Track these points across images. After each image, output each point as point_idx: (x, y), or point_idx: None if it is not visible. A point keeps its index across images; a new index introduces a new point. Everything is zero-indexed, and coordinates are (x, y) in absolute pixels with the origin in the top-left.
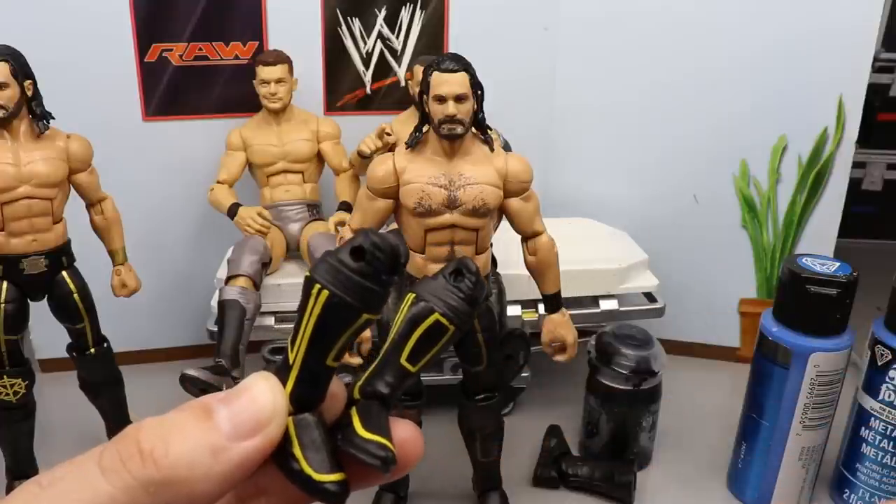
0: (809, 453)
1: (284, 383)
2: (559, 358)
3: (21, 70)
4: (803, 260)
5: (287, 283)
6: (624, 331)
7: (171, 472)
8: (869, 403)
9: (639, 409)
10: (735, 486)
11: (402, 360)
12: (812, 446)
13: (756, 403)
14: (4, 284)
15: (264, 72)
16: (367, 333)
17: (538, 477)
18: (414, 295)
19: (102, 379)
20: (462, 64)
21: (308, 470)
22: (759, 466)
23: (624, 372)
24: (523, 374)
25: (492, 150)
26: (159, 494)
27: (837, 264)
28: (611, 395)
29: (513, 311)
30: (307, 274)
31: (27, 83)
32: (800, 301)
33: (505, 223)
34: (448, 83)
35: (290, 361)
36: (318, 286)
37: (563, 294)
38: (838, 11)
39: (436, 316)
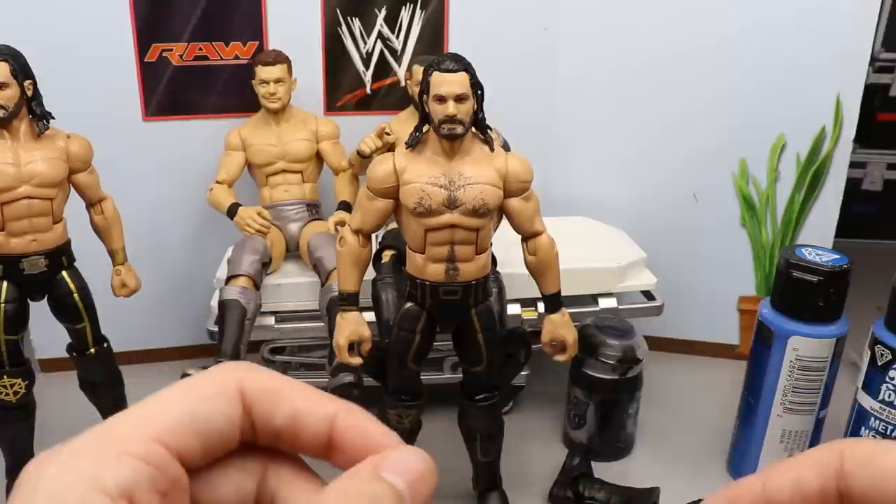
0: (791, 437)
1: None
2: (559, 358)
3: (21, 70)
4: (802, 249)
5: (287, 283)
6: (605, 322)
7: None
8: (868, 403)
9: (625, 396)
10: (731, 467)
11: None
12: (794, 430)
13: (750, 385)
14: (4, 284)
15: (263, 72)
16: (367, 333)
17: (553, 495)
18: None
19: (102, 379)
20: (462, 64)
21: None
22: (748, 444)
23: (611, 362)
24: (523, 373)
25: (492, 149)
26: None
27: (836, 256)
28: (597, 384)
29: (512, 309)
30: None
31: (27, 83)
32: (786, 286)
33: (505, 223)
34: (448, 83)
35: None
36: None
37: (563, 293)
38: (835, 10)
39: None
